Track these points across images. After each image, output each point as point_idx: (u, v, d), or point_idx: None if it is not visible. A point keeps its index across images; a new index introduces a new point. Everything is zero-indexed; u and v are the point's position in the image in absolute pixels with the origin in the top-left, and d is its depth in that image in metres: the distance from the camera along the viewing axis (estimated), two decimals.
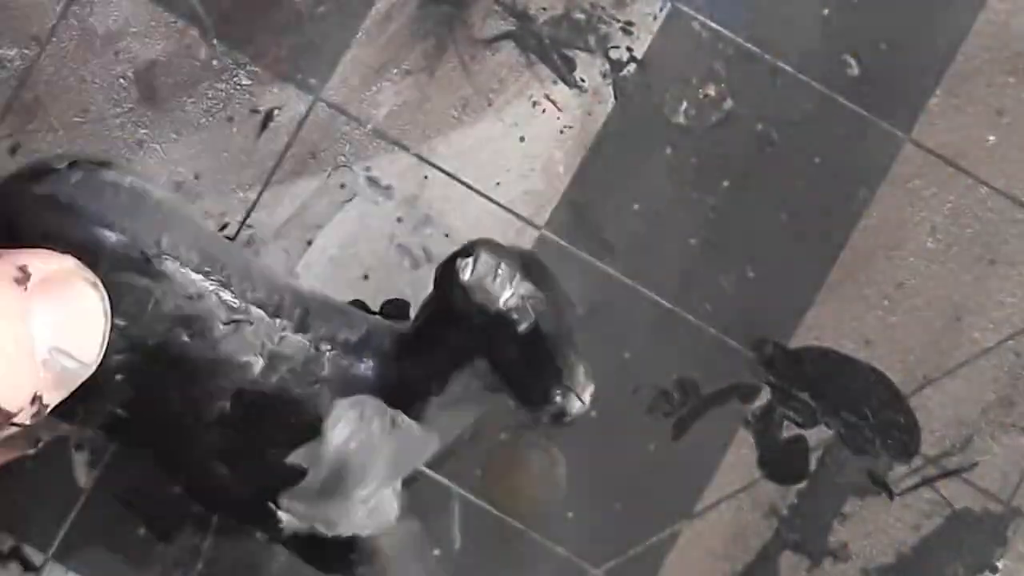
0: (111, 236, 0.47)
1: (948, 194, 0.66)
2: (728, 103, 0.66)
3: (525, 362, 0.53)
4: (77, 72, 0.65)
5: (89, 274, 0.39)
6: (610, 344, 0.66)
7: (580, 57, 0.66)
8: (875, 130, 0.66)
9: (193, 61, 0.66)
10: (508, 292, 0.52)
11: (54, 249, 0.38)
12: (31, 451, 0.55)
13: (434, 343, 0.53)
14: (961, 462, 0.65)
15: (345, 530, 0.55)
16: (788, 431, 0.65)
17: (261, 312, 0.50)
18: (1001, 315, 0.66)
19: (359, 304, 0.65)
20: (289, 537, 0.54)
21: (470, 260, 0.51)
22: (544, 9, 0.66)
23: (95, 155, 0.50)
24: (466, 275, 0.50)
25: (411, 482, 0.65)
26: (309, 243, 0.65)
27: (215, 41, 0.66)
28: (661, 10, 0.66)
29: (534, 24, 0.66)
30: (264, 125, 0.66)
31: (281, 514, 0.53)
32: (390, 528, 0.56)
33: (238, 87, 0.66)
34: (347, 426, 0.51)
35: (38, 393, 0.36)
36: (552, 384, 0.53)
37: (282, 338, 0.50)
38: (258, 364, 0.49)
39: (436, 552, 0.65)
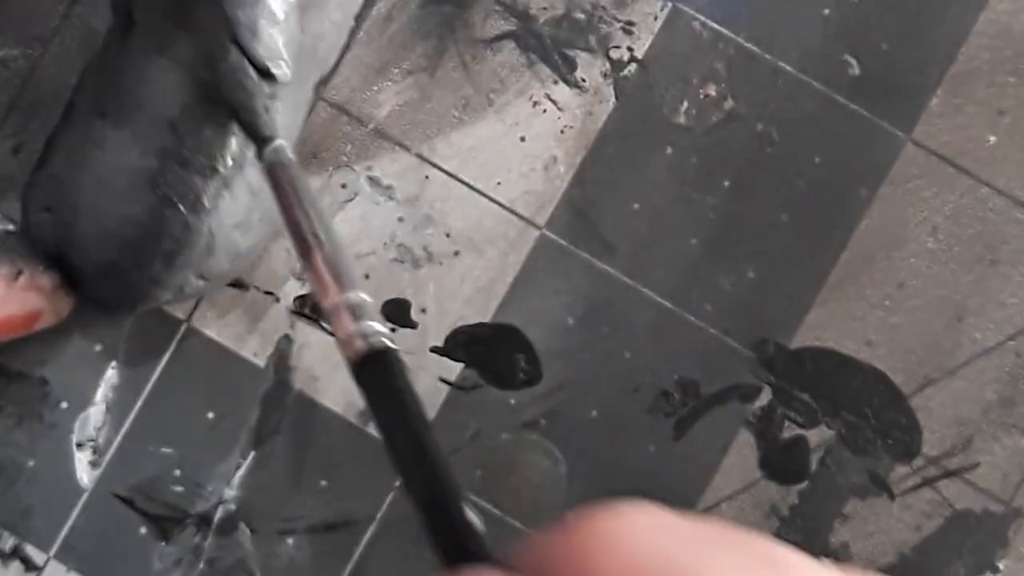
0: None
1: (949, 194, 0.66)
2: (728, 103, 0.66)
3: None
4: (79, 73, 0.65)
5: None
6: (610, 344, 0.66)
7: (581, 57, 0.66)
8: (875, 130, 0.66)
9: None
10: None
11: None
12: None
13: None
14: (962, 462, 0.65)
15: None
16: (789, 431, 0.65)
17: None
18: (1002, 315, 0.66)
19: None
20: None
21: None
22: (545, 9, 0.66)
23: None
24: None
25: None
26: None
27: None
28: (662, 10, 0.66)
29: (535, 24, 0.66)
30: None
31: None
32: None
33: None
34: None
35: None
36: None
37: None
38: None
39: None
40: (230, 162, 0.57)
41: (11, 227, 0.61)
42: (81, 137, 0.59)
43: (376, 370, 0.40)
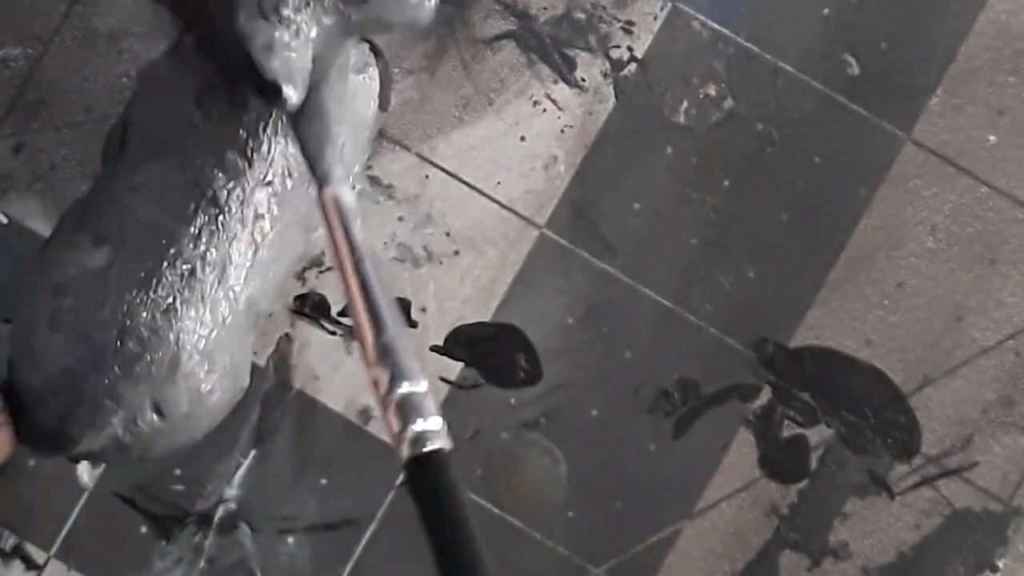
0: None
1: (948, 194, 0.66)
2: (728, 103, 0.66)
3: None
4: (80, 71, 0.65)
5: None
6: (610, 344, 0.66)
7: (581, 57, 0.66)
8: (875, 130, 0.66)
9: None
10: None
11: None
12: None
13: None
14: (961, 461, 0.65)
15: None
16: (789, 430, 0.65)
17: None
18: (1001, 315, 0.66)
19: None
20: None
21: None
22: (545, 9, 0.66)
23: None
24: None
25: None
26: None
27: None
28: (662, 10, 0.66)
29: (535, 24, 0.66)
30: None
31: None
32: None
33: None
34: None
35: None
36: None
37: None
38: None
39: None
40: (209, 270, 0.55)
41: None
42: (58, 247, 0.57)
43: (421, 475, 0.40)
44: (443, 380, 0.65)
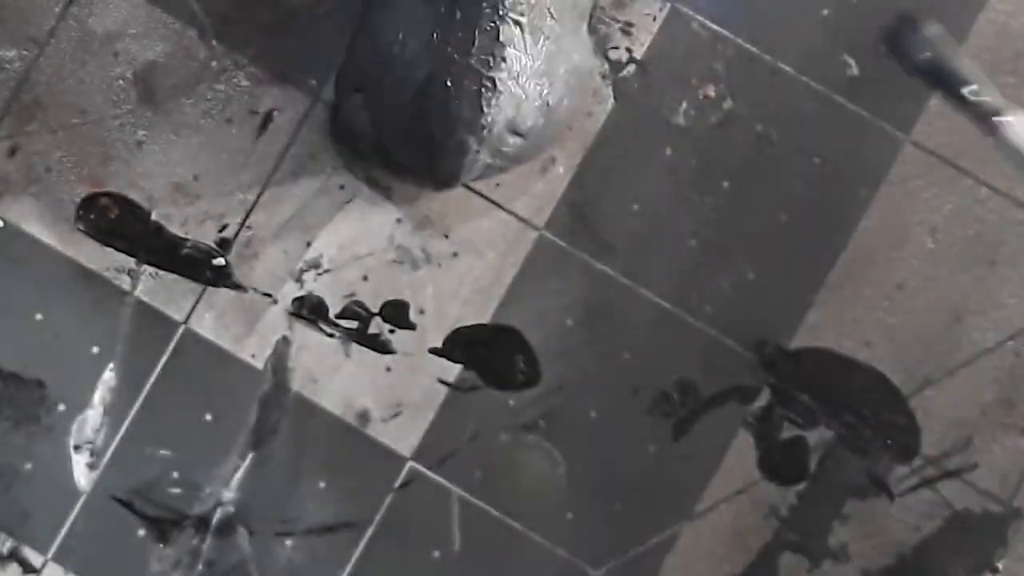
0: None
1: (948, 195, 0.66)
2: (728, 103, 0.66)
3: None
4: (76, 73, 0.65)
5: None
6: (609, 345, 0.65)
7: None
8: (875, 130, 0.66)
9: (192, 62, 0.66)
10: None
11: None
12: None
13: None
14: (961, 463, 0.65)
15: None
16: (788, 432, 0.65)
17: None
18: (1001, 316, 0.66)
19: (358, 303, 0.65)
20: None
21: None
22: None
23: None
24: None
25: (410, 483, 0.65)
26: (308, 244, 0.65)
27: (214, 42, 0.66)
28: (661, 11, 0.66)
29: None
30: (263, 126, 0.66)
31: None
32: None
33: (237, 88, 0.66)
34: None
35: None
36: None
37: None
38: None
39: (436, 554, 0.65)
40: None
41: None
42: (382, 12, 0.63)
43: None
44: (441, 382, 0.65)
